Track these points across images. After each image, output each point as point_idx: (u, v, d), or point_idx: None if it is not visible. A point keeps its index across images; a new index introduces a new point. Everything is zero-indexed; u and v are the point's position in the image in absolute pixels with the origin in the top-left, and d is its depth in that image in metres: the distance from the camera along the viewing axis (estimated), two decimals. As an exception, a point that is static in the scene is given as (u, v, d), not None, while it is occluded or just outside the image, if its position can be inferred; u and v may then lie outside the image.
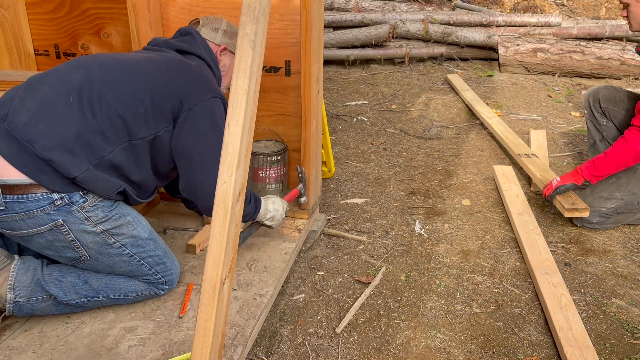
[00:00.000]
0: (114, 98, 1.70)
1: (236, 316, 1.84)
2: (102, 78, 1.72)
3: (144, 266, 1.82)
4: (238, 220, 1.38)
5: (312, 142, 2.39)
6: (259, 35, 1.39)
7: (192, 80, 1.84)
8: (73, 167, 1.60)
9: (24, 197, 1.59)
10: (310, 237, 2.52)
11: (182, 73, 1.84)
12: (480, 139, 3.85)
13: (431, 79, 5.19)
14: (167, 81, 1.80)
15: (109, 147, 1.68)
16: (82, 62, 1.77)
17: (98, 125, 1.67)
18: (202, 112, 1.80)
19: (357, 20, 5.83)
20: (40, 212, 1.61)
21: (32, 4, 2.64)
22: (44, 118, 1.61)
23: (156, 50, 1.96)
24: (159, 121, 1.78)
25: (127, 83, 1.74)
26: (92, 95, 1.68)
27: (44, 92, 1.66)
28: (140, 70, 1.79)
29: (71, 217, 1.64)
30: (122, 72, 1.76)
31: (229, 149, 1.35)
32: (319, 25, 2.28)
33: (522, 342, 1.98)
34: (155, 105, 1.76)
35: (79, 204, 1.65)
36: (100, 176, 1.66)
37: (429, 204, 2.96)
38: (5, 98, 1.69)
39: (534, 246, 2.44)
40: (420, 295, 2.24)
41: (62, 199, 1.62)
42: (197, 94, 1.82)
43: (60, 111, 1.64)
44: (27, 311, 1.74)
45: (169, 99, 1.78)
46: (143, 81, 1.77)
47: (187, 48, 1.97)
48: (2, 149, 1.59)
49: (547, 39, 5.35)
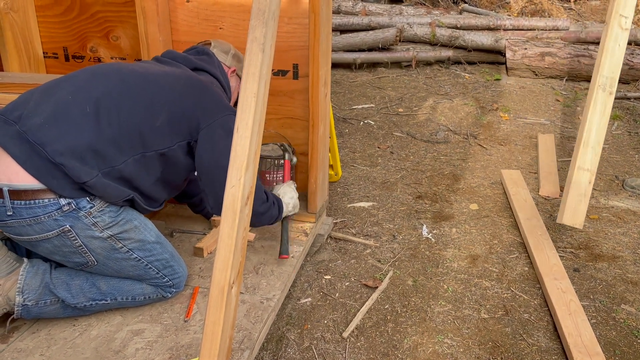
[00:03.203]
0: (132, 110, 1.71)
1: (243, 320, 1.84)
2: (121, 89, 1.73)
3: (152, 270, 1.81)
4: (246, 223, 1.38)
5: (320, 145, 2.38)
6: (268, 39, 1.39)
7: (209, 97, 1.86)
8: (83, 172, 1.60)
9: (32, 203, 1.59)
10: (317, 240, 2.51)
11: (199, 90, 1.86)
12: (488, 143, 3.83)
13: (438, 83, 5.18)
14: (184, 97, 1.81)
15: (121, 158, 1.68)
16: (101, 71, 1.78)
17: (113, 135, 1.67)
18: (221, 128, 1.81)
19: (364, 24, 5.83)
20: (48, 218, 1.61)
21: (41, 7, 2.65)
22: (58, 123, 1.62)
23: (172, 65, 1.96)
24: (174, 135, 1.78)
25: (145, 96, 1.75)
26: (110, 105, 1.69)
27: (60, 97, 1.67)
28: (159, 83, 1.80)
29: (78, 222, 1.64)
30: (141, 84, 1.77)
31: (238, 152, 1.35)
32: (327, 28, 2.28)
33: (531, 348, 1.97)
34: (172, 119, 1.77)
35: (86, 209, 1.65)
36: (109, 184, 1.66)
37: (436, 208, 2.95)
38: (20, 101, 1.69)
39: (543, 251, 2.42)
40: (427, 300, 2.22)
41: (70, 204, 1.62)
42: (215, 110, 1.83)
43: (75, 118, 1.64)
44: (36, 314, 1.74)
45: (185, 114, 1.79)
46: (161, 95, 1.78)
47: (206, 67, 2.00)
48: (14, 151, 1.59)
49: (555, 43, 5.33)
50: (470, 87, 5.06)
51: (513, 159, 3.57)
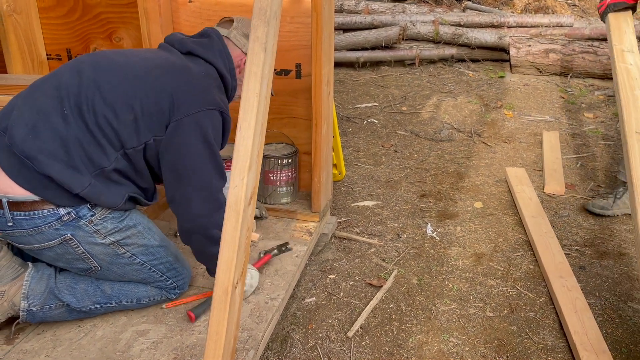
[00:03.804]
0: (103, 105, 1.61)
1: (247, 320, 1.84)
2: (92, 84, 1.63)
3: (155, 273, 1.81)
4: (250, 224, 1.38)
5: (323, 144, 2.38)
6: (270, 38, 1.39)
7: (187, 88, 1.69)
8: (74, 183, 1.58)
9: (31, 214, 1.58)
10: (321, 240, 2.51)
11: (178, 79, 1.69)
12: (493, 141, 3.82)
13: (442, 81, 5.17)
14: (160, 87, 1.67)
15: (107, 158, 1.62)
16: (77, 66, 1.69)
17: (91, 134, 1.60)
18: (192, 125, 1.65)
19: (367, 23, 5.82)
20: (48, 228, 1.60)
21: (44, 9, 2.66)
22: (40, 132, 1.57)
23: (165, 50, 1.83)
24: (149, 129, 1.65)
25: (117, 88, 1.64)
26: (81, 103, 1.61)
27: (41, 103, 1.62)
28: (134, 74, 1.67)
29: (79, 231, 1.64)
30: (113, 76, 1.66)
31: (241, 152, 1.35)
32: (330, 27, 2.27)
33: (537, 347, 1.96)
34: (145, 112, 1.64)
35: (87, 217, 1.63)
36: (103, 189, 1.62)
37: (440, 207, 2.94)
38: (6, 109, 1.67)
39: (548, 249, 2.41)
40: (432, 298, 2.22)
41: (69, 214, 1.61)
42: (190, 104, 1.66)
43: (56, 123, 1.58)
44: (41, 318, 1.74)
45: (159, 107, 1.65)
46: (134, 86, 1.65)
47: (199, 52, 1.81)
48: (4, 165, 1.58)
49: (559, 40, 5.30)
50: (474, 84, 5.04)
51: (518, 157, 3.55)
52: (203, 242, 1.73)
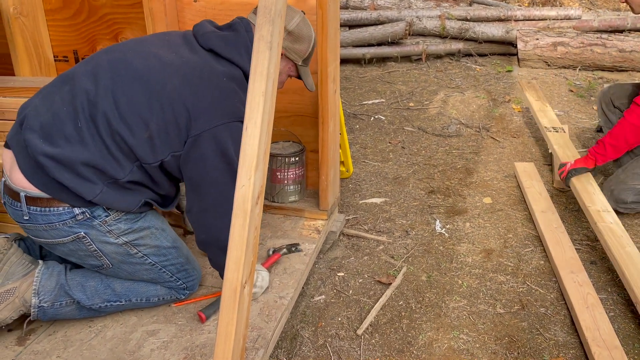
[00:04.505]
0: (119, 120, 1.58)
1: (257, 319, 1.84)
2: (109, 94, 1.59)
3: (166, 274, 1.82)
4: (257, 223, 1.38)
5: (330, 142, 2.37)
6: (275, 37, 1.38)
7: (206, 99, 1.61)
8: (86, 191, 1.58)
9: (47, 210, 1.60)
10: (329, 237, 2.50)
11: (196, 89, 1.61)
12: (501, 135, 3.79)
13: (449, 76, 5.14)
14: (177, 99, 1.59)
15: (122, 170, 1.61)
16: (94, 69, 1.65)
17: (107, 148, 1.59)
18: (210, 140, 1.60)
19: (372, 18, 5.79)
20: (62, 225, 1.62)
21: (51, 11, 2.67)
22: (53, 141, 1.57)
23: (188, 45, 1.71)
24: (167, 146, 1.62)
25: (133, 102, 1.59)
26: (96, 115, 1.58)
27: (57, 108, 1.61)
28: (151, 84, 1.60)
29: (93, 230, 1.65)
30: (130, 87, 1.60)
31: (247, 151, 1.35)
32: (335, 24, 2.26)
33: (548, 343, 1.95)
34: (161, 129, 1.59)
35: (101, 218, 1.64)
36: (116, 196, 1.62)
37: (449, 203, 2.93)
38: (25, 105, 1.69)
39: (559, 244, 2.39)
40: (442, 295, 2.21)
41: (84, 213, 1.62)
42: (208, 118, 1.59)
43: (69, 135, 1.58)
44: (51, 316, 1.76)
45: (176, 122, 1.60)
46: (150, 100, 1.59)
47: (222, 51, 1.70)
48: (21, 164, 1.60)
49: (567, 33, 5.25)
50: (482, 79, 5.01)
51: (526, 152, 3.53)
52: (218, 254, 1.73)
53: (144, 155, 1.62)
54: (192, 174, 1.67)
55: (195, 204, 1.71)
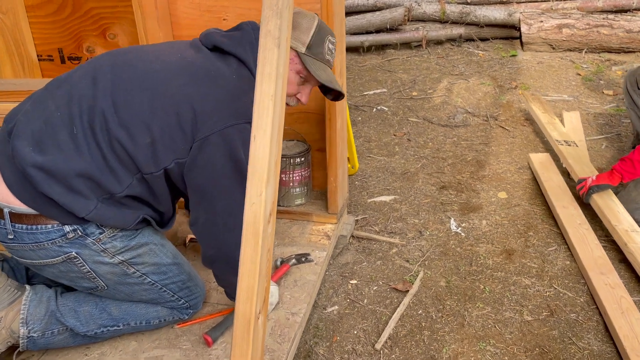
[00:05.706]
0: (118, 125, 1.44)
1: (269, 339, 1.69)
2: (108, 97, 1.46)
3: (167, 293, 1.66)
4: (270, 244, 1.22)
5: (338, 140, 2.21)
6: (283, 32, 1.21)
7: (213, 99, 1.48)
8: (77, 207, 1.42)
9: (33, 228, 1.43)
10: (339, 242, 2.35)
11: (202, 89, 1.48)
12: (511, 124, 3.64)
13: (451, 62, 4.96)
14: (181, 100, 1.46)
15: (120, 184, 1.46)
16: (93, 71, 1.51)
17: (104, 158, 1.44)
18: (219, 143, 1.46)
19: (370, 4, 5.60)
20: (51, 245, 1.45)
21: (32, 7, 2.47)
22: (44, 150, 1.42)
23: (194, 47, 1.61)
24: (170, 151, 1.47)
25: (133, 105, 1.45)
26: (93, 121, 1.44)
27: (49, 113, 1.46)
28: (154, 86, 1.48)
29: (86, 249, 1.48)
30: (130, 90, 1.47)
31: (257, 163, 1.18)
32: (340, 15, 2.09)
33: (582, 353, 1.81)
34: (165, 131, 1.45)
35: (95, 236, 1.48)
36: (111, 212, 1.47)
37: (462, 199, 2.77)
38: (15, 111, 1.53)
39: (585, 242, 2.25)
40: (464, 302, 2.06)
41: (75, 231, 1.45)
42: (216, 119, 1.46)
43: (62, 143, 1.43)
44: (43, 345, 1.60)
45: (180, 126, 1.46)
46: (152, 102, 1.46)
47: (227, 46, 1.58)
48: (7, 176, 1.44)
49: (572, 14, 5.07)
50: (486, 65, 4.84)
51: (539, 140, 3.37)
52: (226, 271, 1.59)
53: (146, 164, 1.47)
54: (198, 182, 1.51)
55: (201, 217, 1.55)
